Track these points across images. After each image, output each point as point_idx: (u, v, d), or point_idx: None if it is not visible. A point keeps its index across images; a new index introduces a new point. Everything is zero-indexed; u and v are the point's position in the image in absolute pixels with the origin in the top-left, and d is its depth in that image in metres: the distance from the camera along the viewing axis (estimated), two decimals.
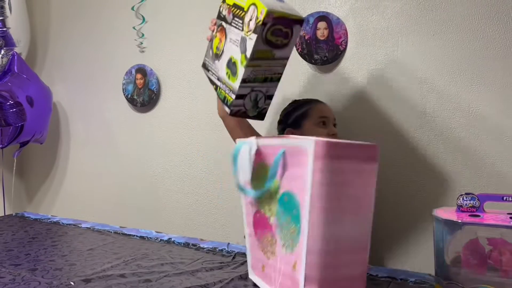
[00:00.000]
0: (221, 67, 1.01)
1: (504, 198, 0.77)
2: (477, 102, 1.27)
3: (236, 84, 0.93)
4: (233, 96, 0.94)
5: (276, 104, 1.42)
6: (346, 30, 1.43)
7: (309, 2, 1.50)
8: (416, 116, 1.35)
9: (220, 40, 1.03)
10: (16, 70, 1.87)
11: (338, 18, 1.44)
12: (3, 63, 1.85)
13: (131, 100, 1.88)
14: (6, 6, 1.88)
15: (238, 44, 0.93)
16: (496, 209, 0.79)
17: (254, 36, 0.87)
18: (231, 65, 0.95)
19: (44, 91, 2.01)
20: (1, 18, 1.86)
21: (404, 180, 1.37)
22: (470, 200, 0.78)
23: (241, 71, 0.91)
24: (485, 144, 1.27)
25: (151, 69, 1.82)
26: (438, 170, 1.32)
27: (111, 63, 1.96)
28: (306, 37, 1.48)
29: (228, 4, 1.00)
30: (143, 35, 1.85)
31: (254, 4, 0.88)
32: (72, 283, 0.87)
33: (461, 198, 0.79)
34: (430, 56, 1.33)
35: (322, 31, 1.46)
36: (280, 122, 1.38)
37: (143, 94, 1.84)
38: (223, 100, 1.00)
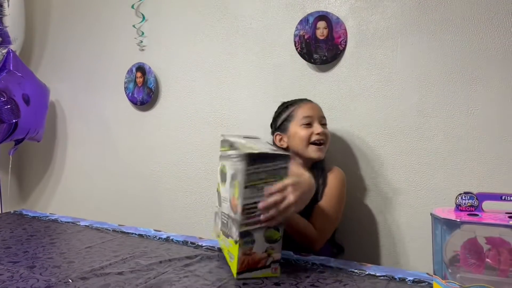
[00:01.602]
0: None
1: (503, 198, 0.77)
2: (476, 102, 1.27)
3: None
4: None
5: (275, 105, 1.41)
6: (345, 29, 1.43)
7: (309, 2, 1.50)
8: (415, 116, 1.35)
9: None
10: (11, 68, 1.86)
11: (337, 18, 1.44)
12: None
13: (131, 99, 1.88)
14: (5, 5, 1.88)
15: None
16: (494, 208, 0.79)
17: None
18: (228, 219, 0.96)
19: (40, 89, 2.00)
20: (0, 16, 1.86)
21: (402, 179, 1.38)
22: (468, 199, 0.78)
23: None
24: (484, 143, 1.27)
25: (150, 67, 1.82)
26: (437, 169, 1.32)
27: (111, 62, 1.96)
28: (305, 37, 1.48)
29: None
30: (143, 33, 1.85)
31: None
32: (70, 280, 0.87)
33: (459, 197, 0.79)
34: (429, 56, 1.33)
35: (321, 30, 1.46)
36: (271, 126, 1.38)
37: (142, 92, 1.84)
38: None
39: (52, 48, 2.15)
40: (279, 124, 1.33)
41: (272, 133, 1.36)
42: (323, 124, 1.29)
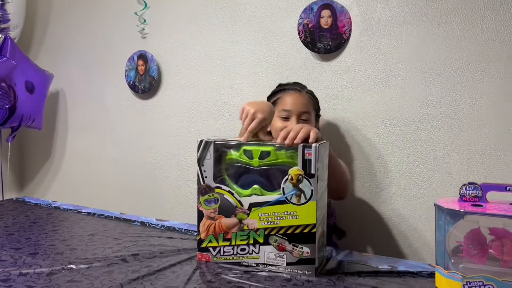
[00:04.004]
0: None
1: (507, 188, 0.76)
2: (480, 92, 1.27)
3: None
4: None
5: None
6: (350, 18, 1.42)
7: None
8: (419, 106, 1.34)
9: None
10: (8, 55, 1.84)
11: (342, 7, 1.42)
12: None
13: (133, 87, 1.87)
14: None
15: None
16: (498, 199, 0.78)
17: None
18: None
19: (40, 77, 1.98)
20: (1, 2, 1.85)
21: (406, 170, 1.37)
22: (473, 190, 0.78)
23: None
24: (488, 134, 1.26)
25: (152, 56, 1.81)
26: (441, 159, 1.32)
27: (112, 49, 1.95)
28: (309, 25, 1.47)
29: None
30: (145, 21, 1.83)
31: None
32: (73, 266, 0.87)
33: (464, 188, 0.79)
34: (434, 46, 1.32)
35: (325, 19, 1.44)
36: None
37: (144, 80, 1.83)
38: None
39: (52, 36, 2.14)
40: None
41: None
42: (304, 120, 1.22)
